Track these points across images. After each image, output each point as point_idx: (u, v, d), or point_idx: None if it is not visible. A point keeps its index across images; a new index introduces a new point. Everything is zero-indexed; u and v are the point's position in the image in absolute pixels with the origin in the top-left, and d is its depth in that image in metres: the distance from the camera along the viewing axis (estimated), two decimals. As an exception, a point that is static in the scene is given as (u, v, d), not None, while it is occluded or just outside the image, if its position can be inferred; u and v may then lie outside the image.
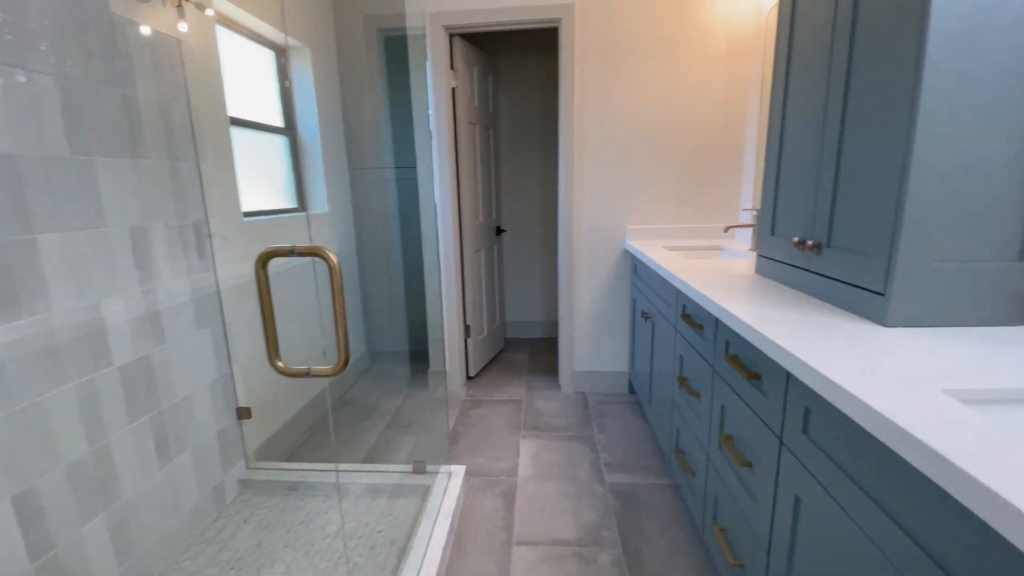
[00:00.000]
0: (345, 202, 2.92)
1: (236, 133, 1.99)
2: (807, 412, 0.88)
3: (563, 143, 2.49)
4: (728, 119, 2.44)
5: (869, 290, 1.02)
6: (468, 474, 2.00)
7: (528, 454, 2.15)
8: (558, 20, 2.39)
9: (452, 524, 1.59)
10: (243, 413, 1.85)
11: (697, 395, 1.48)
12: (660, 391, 2.00)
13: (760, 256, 1.53)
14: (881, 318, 0.98)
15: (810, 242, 1.20)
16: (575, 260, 2.64)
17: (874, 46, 0.99)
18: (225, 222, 1.82)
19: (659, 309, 1.98)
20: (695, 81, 2.41)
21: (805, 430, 0.88)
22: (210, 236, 1.71)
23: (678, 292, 1.69)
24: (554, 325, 3.79)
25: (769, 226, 1.46)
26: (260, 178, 2.29)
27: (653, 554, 1.56)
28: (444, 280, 2.67)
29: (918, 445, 0.57)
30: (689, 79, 2.41)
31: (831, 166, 1.14)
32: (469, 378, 3.00)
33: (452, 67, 2.55)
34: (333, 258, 0.88)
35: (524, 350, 3.51)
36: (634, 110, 2.45)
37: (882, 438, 0.63)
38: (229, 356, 1.80)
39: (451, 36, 2.52)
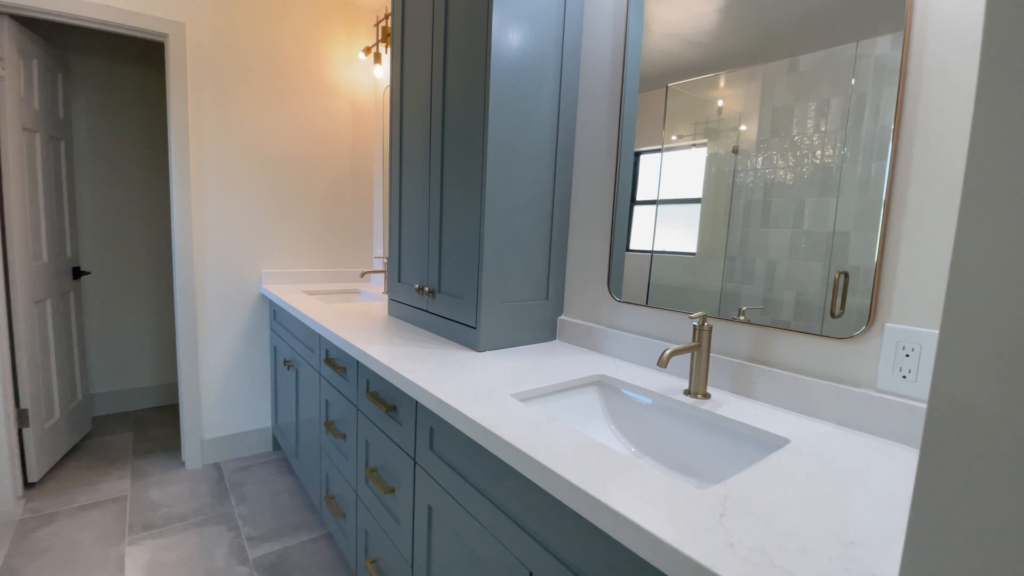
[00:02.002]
0: None
1: None
2: (432, 431, 1.06)
3: (176, 175, 2.15)
4: (356, 175, 2.67)
5: (467, 325, 1.33)
6: (29, 626, 1.39)
7: (139, 564, 1.67)
8: (164, 36, 2.08)
9: None
10: None
11: (344, 436, 1.54)
12: (307, 440, 1.94)
13: (391, 300, 1.74)
14: (475, 345, 1.30)
15: (427, 288, 1.47)
16: (200, 308, 2.28)
17: (457, 153, 1.34)
18: None
19: (302, 356, 1.95)
20: (325, 135, 2.54)
21: (431, 446, 1.07)
22: None
23: (320, 337, 1.72)
24: (173, 389, 3.11)
25: (396, 274, 1.69)
26: None
27: (309, 616, 1.49)
28: (-29, 349, 1.81)
29: (492, 436, 0.79)
30: (319, 132, 2.52)
31: (436, 233, 1.44)
32: (30, 485, 2.10)
33: (-15, 49, 1.82)
34: None
35: (126, 427, 2.73)
36: (264, 153, 2.37)
37: (474, 437, 0.84)
38: None
39: (-18, 8, 1.81)
